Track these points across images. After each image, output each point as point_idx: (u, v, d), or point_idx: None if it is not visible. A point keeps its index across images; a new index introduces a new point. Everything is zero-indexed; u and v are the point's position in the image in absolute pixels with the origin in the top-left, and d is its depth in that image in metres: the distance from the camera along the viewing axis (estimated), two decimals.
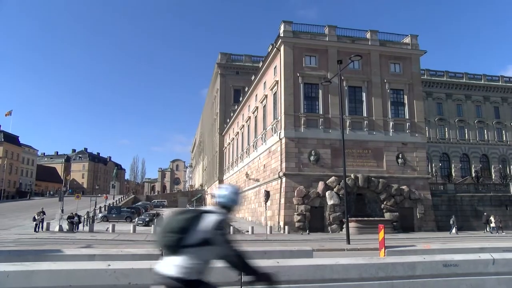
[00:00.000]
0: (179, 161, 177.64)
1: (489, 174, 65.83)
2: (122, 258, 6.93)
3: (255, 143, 45.91)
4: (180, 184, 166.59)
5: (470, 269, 6.26)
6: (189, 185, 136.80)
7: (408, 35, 39.60)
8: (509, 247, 10.02)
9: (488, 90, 68.83)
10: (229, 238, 3.31)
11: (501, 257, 6.54)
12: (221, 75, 68.73)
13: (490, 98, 68.67)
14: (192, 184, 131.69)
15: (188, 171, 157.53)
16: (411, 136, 37.00)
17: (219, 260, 3.27)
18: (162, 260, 3.30)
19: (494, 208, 39.24)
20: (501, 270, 6.39)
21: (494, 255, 6.52)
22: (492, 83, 69.29)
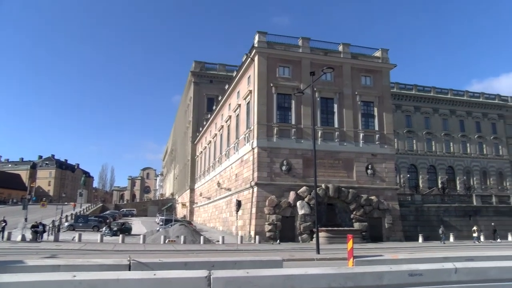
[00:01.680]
0: (150, 169, 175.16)
1: (455, 186, 67.99)
2: (88, 268, 6.75)
3: (227, 152, 45.82)
4: (150, 192, 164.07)
5: (434, 278, 6.44)
6: (160, 193, 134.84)
7: (379, 49, 40.66)
8: (472, 256, 10.34)
9: (454, 104, 71.40)
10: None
11: (463, 266, 6.75)
12: (194, 83, 68.54)
13: (456, 112, 71.25)
14: (163, 192, 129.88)
15: (159, 180, 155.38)
16: (381, 148, 37.81)
17: None
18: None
19: (459, 218, 40.51)
20: (463, 279, 6.60)
21: (457, 264, 6.73)
22: (458, 98, 71.96)
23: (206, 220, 55.41)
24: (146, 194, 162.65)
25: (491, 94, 76.35)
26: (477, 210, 41.91)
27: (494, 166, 72.11)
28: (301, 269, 6.06)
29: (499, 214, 42.50)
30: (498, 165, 72.47)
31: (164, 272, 5.76)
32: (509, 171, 73.14)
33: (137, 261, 7.08)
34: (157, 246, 26.36)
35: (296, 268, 6.31)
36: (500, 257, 10.03)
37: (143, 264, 7.07)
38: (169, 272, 5.81)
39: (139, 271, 6.28)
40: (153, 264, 7.30)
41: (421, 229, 37.36)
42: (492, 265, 7.18)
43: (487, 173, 71.53)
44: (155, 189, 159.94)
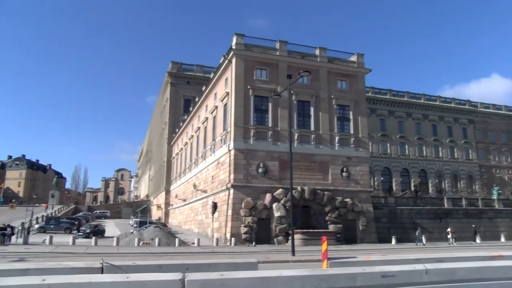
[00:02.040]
0: (125, 170, 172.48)
1: (427, 189, 69.63)
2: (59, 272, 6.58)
3: (204, 154, 45.59)
4: (124, 194, 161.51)
5: (405, 279, 6.57)
6: (134, 195, 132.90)
7: (354, 54, 41.29)
8: (442, 257, 10.60)
9: (427, 109, 73.19)
10: None
11: (433, 267, 6.92)
12: (171, 84, 67.98)
13: (428, 117, 73.02)
14: (137, 194, 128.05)
15: (133, 181, 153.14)
16: (356, 151, 38.36)
17: None
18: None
19: (430, 220, 41.49)
20: (434, 280, 6.76)
21: (428, 266, 6.89)
22: (430, 103, 73.79)
23: (181, 222, 54.95)
24: (120, 195, 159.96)
25: (462, 100, 78.62)
26: (448, 213, 43.03)
27: (464, 169, 74.21)
28: (276, 271, 6.08)
29: (468, 216, 43.74)
30: (468, 169, 74.61)
31: (138, 275, 5.67)
32: (478, 175, 75.42)
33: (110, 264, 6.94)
34: (131, 249, 25.95)
35: (271, 270, 6.33)
36: (468, 258, 10.32)
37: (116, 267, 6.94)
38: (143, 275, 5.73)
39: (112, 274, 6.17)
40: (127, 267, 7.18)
41: (394, 231, 38.07)
42: (460, 265, 7.39)
43: (457, 177, 73.52)
44: (130, 190, 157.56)
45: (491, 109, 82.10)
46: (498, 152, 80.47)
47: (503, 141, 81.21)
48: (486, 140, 79.13)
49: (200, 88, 54.59)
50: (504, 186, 74.89)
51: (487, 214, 44.97)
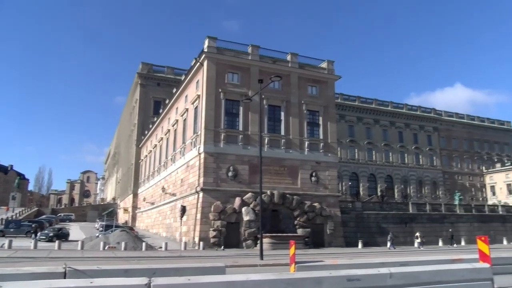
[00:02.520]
0: (91, 172, 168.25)
1: (393, 194, 71.42)
2: (18, 277, 6.34)
3: (173, 156, 45.09)
4: (90, 197, 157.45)
5: (370, 283, 6.70)
6: (101, 198, 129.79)
7: (325, 61, 41.93)
8: (406, 261, 10.87)
9: (394, 116, 75.18)
10: None
11: (397, 271, 7.10)
12: (141, 85, 66.98)
13: (395, 124, 75.04)
14: (104, 197, 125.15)
15: (100, 184, 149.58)
16: (325, 156, 38.89)
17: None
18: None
19: (395, 225, 42.48)
20: (398, 283, 6.93)
21: (392, 269, 7.06)
22: (397, 110, 75.86)
23: (149, 226, 54.07)
24: (86, 198, 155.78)
25: (427, 108, 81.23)
26: (412, 217, 44.20)
27: (428, 175, 76.57)
28: (243, 275, 6.08)
29: (432, 221, 45.13)
30: (432, 175, 77.04)
31: (103, 279, 5.54)
32: (442, 181, 77.99)
33: (74, 269, 6.75)
34: (96, 253, 25.30)
35: (238, 275, 6.32)
36: (431, 262, 10.63)
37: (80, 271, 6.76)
38: (108, 279, 5.60)
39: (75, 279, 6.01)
40: (91, 272, 7.00)
41: (361, 235, 38.79)
42: (423, 269, 7.60)
43: (422, 182, 75.77)
44: (96, 193, 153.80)
45: (455, 118, 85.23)
46: (460, 159, 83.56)
47: (465, 148, 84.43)
48: (450, 147, 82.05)
49: (171, 90, 54.04)
50: (465, 192, 77.79)
51: (449, 219, 46.51)
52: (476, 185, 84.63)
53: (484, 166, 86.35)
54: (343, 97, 71.28)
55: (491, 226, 48.57)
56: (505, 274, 11.40)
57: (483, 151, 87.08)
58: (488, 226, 48.30)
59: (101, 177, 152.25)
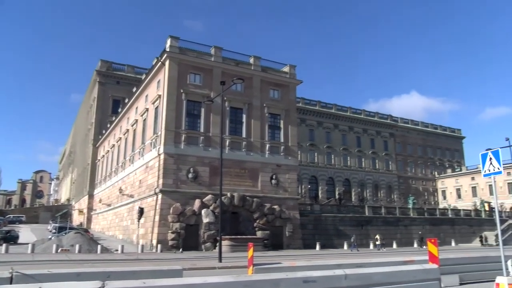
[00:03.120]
0: (44, 172, 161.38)
1: (350, 197, 73.20)
2: None
3: (132, 157, 44.11)
4: (43, 198, 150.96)
5: (326, 284, 6.85)
6: (54, 199, 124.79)
7: (287, 65, 42.44)
8: (361, 263, 11.18)
9: (352, 121, 77.19)
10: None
11: (352, 272, 7.29)
12: (99, 83, 65.14)
13: (354, 129, 77.06)
14: (57, 198, 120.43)
15: (54, 184, 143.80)
16: (285, 159, 39.31)
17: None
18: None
19: (352, 227, 43.51)
20: (352, 284, 7.12)
21: (347, 271, 7.24)
22: (355, 116, 77.95)
23: (105, 228, 52.56)
24: (38, 199, 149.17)
25: (384, 114, 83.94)
26: (368, 220, 45.45)
27: (384, 180, 79.10)
28: (201, 278, 6.04)
29: (387, 224, 46.58)
30: (388, 179, 79.64)
31: (52, 284, 5.34)
32: (397, 185, 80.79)
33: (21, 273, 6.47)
34: (48, 256, 24.29)
35: (196, 277, 6.27)
36: (385, 263, 10.99)
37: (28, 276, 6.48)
38: (58, 284, 5.41)
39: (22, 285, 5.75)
40: (41, 276, 6.73)
41: (319, 238, 39.48)
42: (377, 270, 7.85)
43: (378, 186, 78.15)
44: (49, 194, 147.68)
45: (410, 124, 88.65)
46: (415, 164, 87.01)
47: (419, 154, 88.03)
48: (405, 153, 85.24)
49: (131, 89, 52.90)
50: (418, 196, 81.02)
51: (403, 222, 48.19)
52: (429, 190, 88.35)
53: (436, 171, 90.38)
54: (304, 101, 72.39)
55: (441, 229, 50.80)
56: (451, 274, 11.98)
57: (435, 157, 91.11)
58: (439, 228, 50.49)
59: (55, 177, 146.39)
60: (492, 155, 10.33)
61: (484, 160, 10.53)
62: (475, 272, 12.85)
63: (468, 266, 12.88)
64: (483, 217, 57.71)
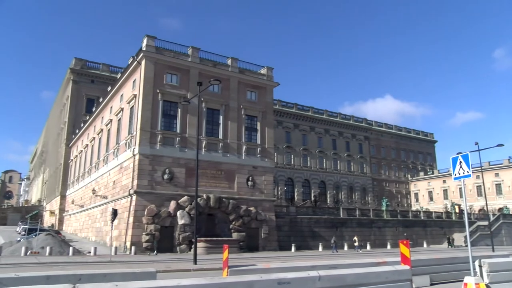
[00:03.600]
0: (14, 172, 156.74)
1: (326, 199, 73.98)
2: None
3: (106, 157, 43.33)
4: (12, 198, 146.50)
5: (300, 285, 6.89)
6: (24, 200, 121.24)
7: (265, 67, 42.58)
8: (335, 264, 11.30)
9: (328, 124, 78.07)
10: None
11: (326, 274, 7.35)
12: (73, 81, 63.77)
13: (329, 131, 77.97)
14: (28, 199, 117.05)
15: (24, 184, 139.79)
16: (261, 161, 39.39)
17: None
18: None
19: (328, 229, 43.99)
20: (326, 285, 7.19)
21: (321, 272, 7.30)
22: (331, 119, 78.87)
23: (77, 230, 51.43)
24: (7, 200, 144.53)
25: (359, 118, 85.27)
26: (343, 222, 46.02)
27: (359, 182, 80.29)
28: (174, 280, 5.98)
29: (361, 226, 47.27)
30: (362, 181, 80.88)
31: None
32: (371, 187, 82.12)
33: None
34: (16, 259, 23.57)
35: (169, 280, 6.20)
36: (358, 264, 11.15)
37: None
38: None
39: None
40: (7, 280, 6.52)
41: (294, 239, 39.73)
42: (350, 272, 7.96)
43: (353, 188, 79.26)
44: (19, 194, 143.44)
45: (384, 128, 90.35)
46: (388, 167, 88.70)
47: (393, 157, 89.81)
48: (379, 156, 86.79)
49: (106, 88, 52.00)
50: (392, 198, 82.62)
51: (377, 224, 49.01)
52: (402, 192, 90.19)
53: (409, 174, 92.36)
54: (281, 103, 72.79)
55: (414, 231, 51.92)
56: (422, 275, 12.25)
57: (408, 160, 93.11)
58: (411, 230, 51.57)
59: (25, 177, 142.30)
60: (462, 159, 10.62)
61: (454, 164, 10.82)
62: (445, 272, 13.18)
63: (438, 267, 13.20)
64: (453, 219, 59.29)
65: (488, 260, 10.39)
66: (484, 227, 52.95)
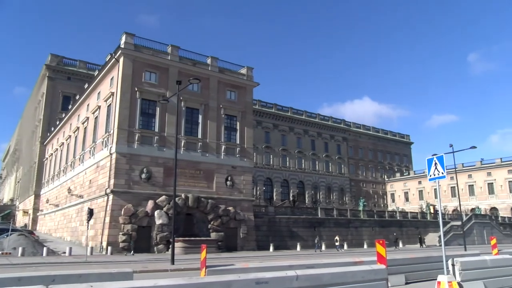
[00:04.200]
0: None
1: (304, 199, 74.53)
2: None
3: (82, 156, 42.53)
4: None
5: (278, 285, 6.91)
6: None
7: (245, 67, 42.58)
8: (312, 264, 11.39)
9: (307, 125, 78.71)
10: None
11: (303, 273, 7.40)
12: (49, 78, 62.34)
13: (308, 132, 78.62)
14: (0, 198, 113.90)
15: None
16: (240, 161, 39.36)
17: None
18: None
19: (306, 229, 44.29)
20: (303, 285, 7.23)
21: (298, 272, 7.34)
22: (310, 119, 79.53)
23: (52, 230, 50.31)
24: None
25: (338, 119, 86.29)
26: (321, 222, 46.40)
27: (337, 182, 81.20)
28: (151, 280, 5.91)
29: (338, 226, 47.75)
30: (340, 182, 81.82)
31: None
32: (348, 187, 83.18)
33: None
34: None
35: (145, 280, 6.12)
36: (335, 264, 11.26)
37: None
38: None
39: None
40: None
41: (272, 239, 39.86)
42: (327, 271, 8.03)
43: (331, 189, 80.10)
44: None
45: (362, 129, 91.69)
46: (366, 168, 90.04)
47: (370, 158, 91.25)
48: (356, 156, 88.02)
49: (83, 85, 51.06)
50: (369, 199, 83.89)
51: (354, 224, 49.61)
52: (379, 193, 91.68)
53: (386, 175, 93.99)
54: (260, 103, 72.96)
55: (390, 231, 52.75)
56: (398, 274, 12.47)
57: (385, 161, 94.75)
58: (387, 230, 52.39)
59: None
60: (437, 161, 10.85)
61: (430, 165, 11.05)
62: (420, 271, 13.45)
63: (413, 266, 13.46)
64: (428, 219, 60.55)
65: (460, 259, 10.65)
66: (457, 227, 54.30)
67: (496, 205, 79.29)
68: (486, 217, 64.12)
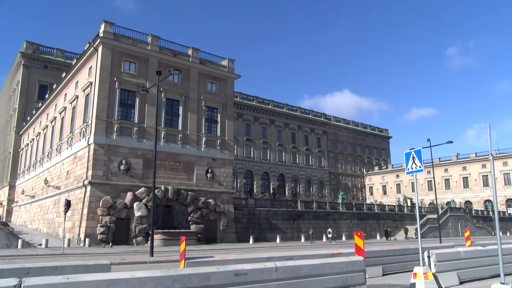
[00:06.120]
0: None
1: (284, 192, 74.95)
2: None
3: (59, 146, 41.68)
4: None
5: (257, 277, 6.93)
6: None
7: (226, 59, 42.30)
8: (291, 255, 11.47)
9: (288, 118, 78.96)
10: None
11: (282, 265, 7.44)
12: (24, 66, 60.69)
13: (289, 125, 78.90)
14: None
15: None
16: (221, 153, 39.25)
17: None
18: None
19: (285, 221, 44.61)
20: (281, 276, 7.27)
21: (277, 264, 7.38)
22: (291, 112, 79.78)
23: (27, 222, 49.30)
24: None
25: (318, 112, 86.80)
26: (300, 214, 46.80)
27: (316, 175, 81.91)
28: (128, 272, 5.84)
29: (318, 218, 48.28)
30: (320, 175, 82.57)
31: None
32: (328, 180, 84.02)
33: None
34: None
35: (123, 272, 6.05)
36: (314, 256, 11.36)
37: None
38: None
39: None
40: None
41: (252, 231, 40.01)
42: (305, 263, 8.09)
43: (311, 182, 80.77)
44: None
45: (341, 123, 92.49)
46: (345, 161, 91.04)
47: (349, 152, 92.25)
48: (336, 150, 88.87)
49: (60, 74, 49.91)
50: (347, 192, 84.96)
51: (332, 216, 50.21)
52: (357, 186, 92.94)
53: (365, 168, 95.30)
54: (242, 96, 72.76)
55: (368, 223, 53.65)
56: (375, 265, 12.68)
57: (364, 155, 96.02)
58: (365, 223, 53.28)
59: None
60: (415, 154, 11.02)
61: (407, 159, 11.21)
62: (396, 263, 13.71)
63: (390, 258, 13.71)
64: (405, 212, 61.74)
65: (435, 251, 10.90)
66: (433, 220, 55.52)
67: (470, 198, 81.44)
68: (460, 210, 65.73)
